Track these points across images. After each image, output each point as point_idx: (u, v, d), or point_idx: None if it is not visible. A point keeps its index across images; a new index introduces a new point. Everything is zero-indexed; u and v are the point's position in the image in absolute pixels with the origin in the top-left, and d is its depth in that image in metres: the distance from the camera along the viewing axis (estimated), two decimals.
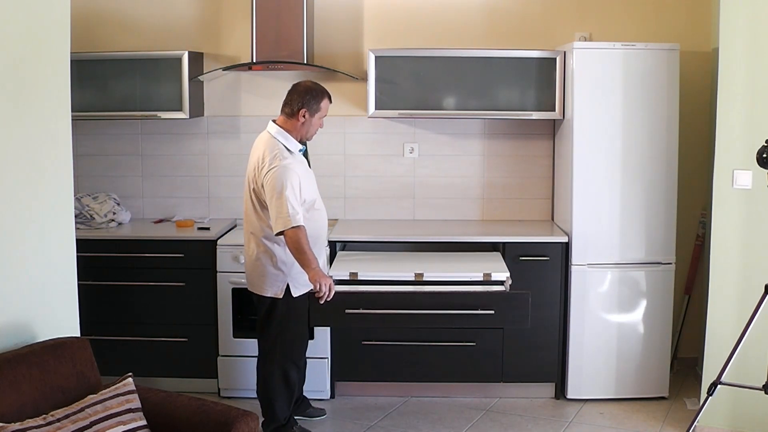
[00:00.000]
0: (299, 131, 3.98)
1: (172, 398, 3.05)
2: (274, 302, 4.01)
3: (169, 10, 5.14)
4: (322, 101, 3.99)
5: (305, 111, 3.95)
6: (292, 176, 3.83)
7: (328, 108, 4.05)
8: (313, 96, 3.96)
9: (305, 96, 3.96)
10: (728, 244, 4.12)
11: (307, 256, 3.78)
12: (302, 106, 3.95)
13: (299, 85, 4.03)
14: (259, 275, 4.02)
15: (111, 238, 4.78)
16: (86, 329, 3.46)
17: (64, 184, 3.29)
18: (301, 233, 3.77)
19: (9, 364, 2.75)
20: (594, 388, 4.70)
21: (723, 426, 4.17)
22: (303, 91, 3.98)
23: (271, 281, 3.99)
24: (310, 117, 3.97)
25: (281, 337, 4.06)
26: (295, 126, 3.97)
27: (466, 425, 4.44)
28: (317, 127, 4.03)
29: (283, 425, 4.16)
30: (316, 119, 3.99)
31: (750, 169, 3.95)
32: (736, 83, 4.06)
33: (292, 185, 3.81)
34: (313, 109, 3.96)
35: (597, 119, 4.59)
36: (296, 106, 3.95)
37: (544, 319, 4.63)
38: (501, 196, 5.20)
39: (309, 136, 4.05)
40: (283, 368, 4.08)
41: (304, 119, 3.95)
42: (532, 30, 5.07)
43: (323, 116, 4.03)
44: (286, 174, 3.82)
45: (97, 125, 5.14)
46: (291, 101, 3.98)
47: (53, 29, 3.19)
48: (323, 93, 4.00)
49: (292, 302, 4.00)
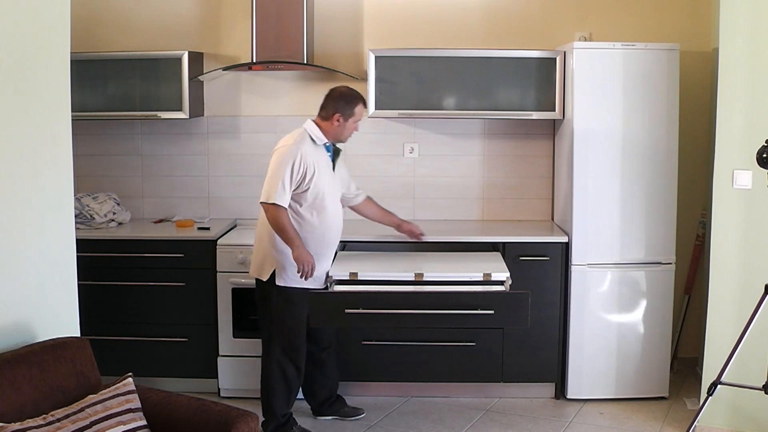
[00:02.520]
0: (333, 134, 4.10)
1: (172, 398, 3.05)
2: (262, 287, 4.12)
3: (169, 10, 5.14)
4: (356, 106, 4.10)
5: (339, 116, 4.07)
6: (297, 159, 3.95)
7: (363, 113, 4.16)
8: (347, 101, 4.08)
9: (339, 101, 4.08)
10: (728, 244, 4.12)
11: (288, 233, 3.94)
12: (336, 110, 4.07)
13: (334, 90, 4.15)
14: (255, 255, 4.17)
15: (111, 238, 4.78)
16: (86, 329, 3.46)
17: (64, 184, 3.29)
18: (279, 212, 3.93)
19: (9, 364, 2.75)
20: (594, 388, 4.70)
21: (723, 426, 4.17)
22: (337, 96, 4.10)
23: (261, 262, 4.11)
24: (344, 121, 4.08)
25: (276, 331, 4.12)
26: (329, 128, 4.09)
27: (466, 425, 4.44)
28: (352, 130, 4.14)
29: (283, 424, 4.17)
30: (351, 123, 4.10)
31: (750, 169, 3.95)
32: (736, 83, 4.06)
33: (293, 167, 3.94)
34: (346, 114, 4.07)
35: (597, 119, 4.59)
36: (330, 111, 4.08)
37: (544, 319, 4.63)
38: (501, 196, 5.20)
39: (343, 139, 4.17)
40: (279, 364, 4.12)
41: (338, 123, 4.08)
42: (532, 30, 5.07)
43: (358, 120, 4.13)
44: (291, 155, 3.96)
45: (97, 125, 5.14)
46: (326, 106, 4.11)
47: (53, 29, 3.19)
48: (358, 98, 4.12)
49: (283, 293, 4.07)
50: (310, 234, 4.08)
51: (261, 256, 4.12)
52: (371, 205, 4.50)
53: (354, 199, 4.44)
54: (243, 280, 4.65)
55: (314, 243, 4.08)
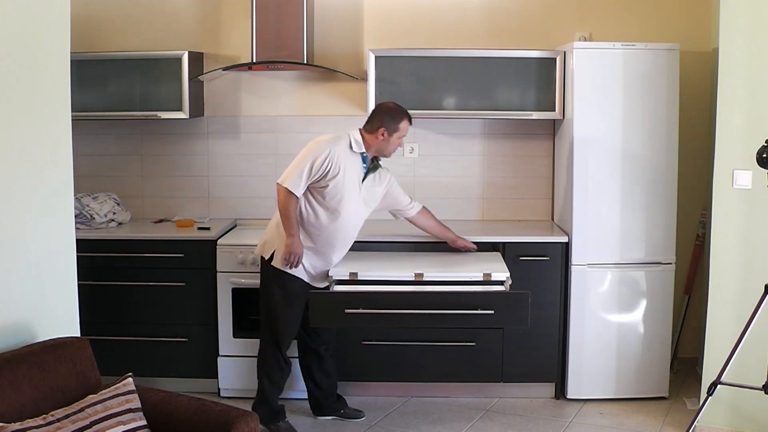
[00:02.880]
0: (376, 147, 4.17)
1: (172, 398, 3.05)
2: (264, 267, 4.23)
3: (169, 10, 5.14)
4: (401, 122, 4.15)
5: (384, 130, 4.13)
6: (323, 156, 4.02)
7: (408, 129, 4.20)
8: (392, 117, 4.14)
9: (385, 116, 4.15)
10: (728, 244, 4.12)
11: (289, 221, 4.05)
12: (381, 125, 4.13)
13: (382, 105, 4.26)
14: (265, 233, 4.29)
15: (111, 238, 4.77)
16: (86, 329, 3.46)
17: (64, 184, 3.29)
18: (290, 199, 4.03)
19: (9, 364, 2.75)
20: (594, 388, 4.70)
21: (723, 426, 4.17)
22: (384, 111, 4.18)
23: (267, 240, 4.24)
24: (389, 136, 4.14)
25: (265, 311, 4.27)
26: (372, 141, 4.16)
27: (466, 425, 4.44)
28: (396, 146, 4.20)
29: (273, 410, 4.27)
30: (395, 138, 4.16)
31: (750, 169, 3.95)
32: (736, 83, 4.06)
33: (316, 162, 4.01)
34: (391, 129, 4.13)
35: (597, 119, 4.59)
36: (376, 125, 4.15)
37: (544, 319, 4.63)
38: (501, 196, 5.20)
39: (387, 154, 4.24)
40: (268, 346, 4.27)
41: (383, 137, 4.14)
42: (532, 30, 5.07)
43: (402, 136, 4.19)
44: (320, 150, 4.04)
45: (97, 125, 5.14)
46: (372, 119, 4.19)
47: (53, 29, 3.19)
48: (403, 114, 4.18)
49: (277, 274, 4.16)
50: (316, 230, 4.14)
51: (269, 235, 4.24)
52: (427, 218, 4.50)
53: (408, 210, 4.46)
54: (243, 280, 4.65)
55: (316, 239, 4.15)
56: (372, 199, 4.28)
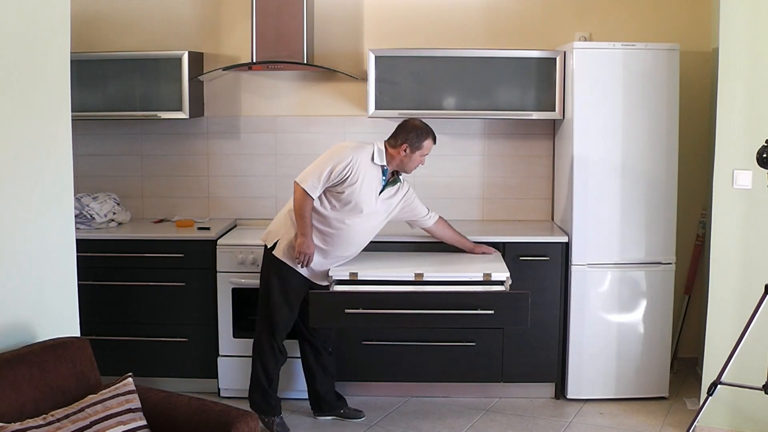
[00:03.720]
0: (397, 162, 4.19)
1: (172, 398, 3.05)
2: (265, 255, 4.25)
3: (169, 10, 5.14)
4: (425, 140, 4.17)
5: (407, 146, 4.15)
6: (344, 163, 4.04)
7: (431, 148, 4.22)
8: (417, 134, 4.16)
9: (410, 133, 4.17)
10: (728, 244, 4.12)
11: (304, 221, 4.07)
12: (405, 141, 4.15)
13: (408, 121, 4.25)
14: (273, 222, 4.32)
15: (111, 238, 4.77)
16: (86, 329, 3.46)
17: (64, 184, 3.29)
18: (307, 201, 4.06)
19: (9, 364, 2.75)
20: (594, 388, 4.70)
21: (723, 426, 4.17)
22: (410, 128, 4.19)
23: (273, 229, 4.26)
24: (411, 152, 4.16)
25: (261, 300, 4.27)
26: (395, 155, 4.18)
27: (466, 425, 4.44)
28: (417, 163, 4.21)
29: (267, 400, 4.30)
30: (417, 156, 4.18)
31: (750, 169, 3.95)
32: (736, 83, 4.06)
33: (335, 168, 4.03)
34: (414, 146, 4.15)
35: (597, 119, 4.59)
36: (400, 140, 4.17)
37: (544, 319, 4.63)
38: (501, 196, 5.20)
39: (408, 170, 4.25)
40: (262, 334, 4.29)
41: (405, 153, 4.16)
42: (532, 30, 5.07)
43: (424, 154, 4.20)
44: (342, 157, 4.06)
45: (97, 125, 5.14)
46: (397, 134, 4.20)
47: (53, 29, 3.19)
48: (428, 133, 4.19)
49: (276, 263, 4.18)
50: (326, 232, 4.16)
51: (277, 224, 4.26)
52: (444, 228, 4.50)
53: (426, 221, 4.46)
54: (243, 280, 4.65)
55: (324, 240, 4.17)
56: (387, 210, 4.29)
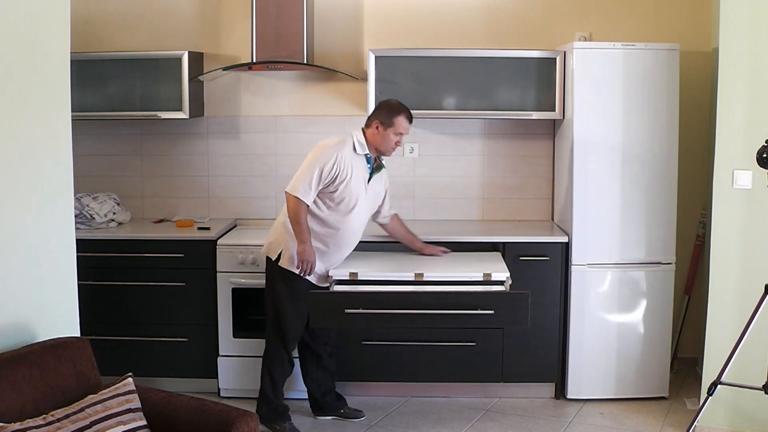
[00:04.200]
0: (374, 143, 4.14)
1: (172, 398, 3.05)
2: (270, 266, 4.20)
3: (169, 10, 5.14)
4: (397, 116, 4.10)
5: (377, 123, 4.11)
6: (331, 161, 4.00)
7: (407, 127, 4.16)
8: (388, 110, 4.12)
9: (381, 110, 4.15)
10: (728, 244, 4.12)
11: (301, 227, 4.02)
12: (376, 118, 4.13)
13: (383, 101, 4.25)
14: (271, 233, 4.27)
15: (111, 238, 4.77)
16: (86, 329, 3.46)
17: (64, 184, 3.29)
18: (300, 207, 4.01)
19: (9, 364, 2.75)
20: (594, 388, 4.70)
21: (723, 426, 4.17)
22: (381, 107, 4.17)
23: (274, 240, 4.21)
24: (383, 130, 4.10)
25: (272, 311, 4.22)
26: (370, 137, 4.14)
27: (466, 425, 4.44)
28: (392, 142, 4.13)
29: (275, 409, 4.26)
30: (390, 134, 4.10)
31: (750, 169, 3.95)
32: (736, 83, 4.06)
33: (324, 168, 4.00)
34: (385, 123, 4.09)
35: (597, 119, 4.59)
36: (372, 118, 4.16)
37: (544, 319, 4.63)
38: (501, 196, 5.20)
39: (384, 150, 4.17)
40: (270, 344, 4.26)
41: (377, 131, 4.11)
42: (532, 30, 5.07)
43: (398, 133, 4.12)
44: (327, 156, 4.02)
45: (97, 125, 5.14)
46: (370, 115, 4.21)
47: (53, 29, 3.19)
48: (400, 110, 4.13)
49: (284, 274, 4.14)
50: (326, 233, 4.14)
51: (276, 235, 4.21)
52: (399, 225, 4.49)
53: (384, 217, 4.44)
54: (243, 280, 4.65)
55: (326, 242, 4.15)
56: (375, 198, 4.29)
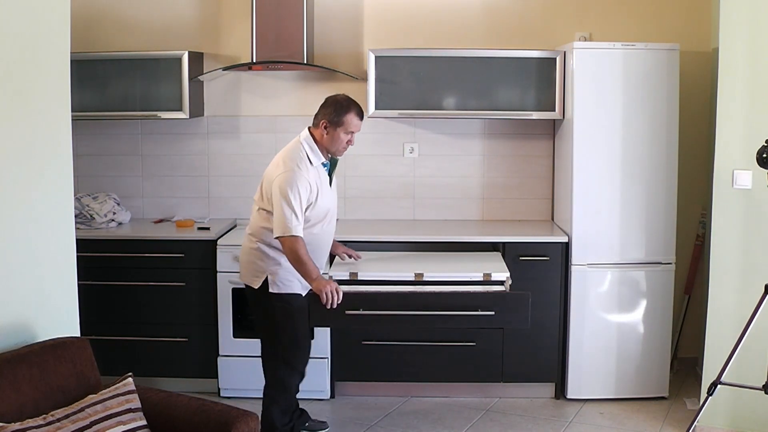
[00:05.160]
0: (323, 144, 3.86)
1: (172, 398, 3.05)
2: (255, 295, 3.92)
3: (169, 10, 5.14)
4: (347, 115, 3.82)
5: (326, 122, 3.82)
6: (301, 185, 3.74)
7: (359, 125, 3.88)
8: (336, 108, 3.82)
9: (328, 107, 3.85)
10: (728, 244, 4.12)
11: (306, 266, 3.71)
12: (323, 117, 3.84)
13: (329, 97, 3.92)
14: (244, 263, 3.98)
15: (111, 238, 4.78)
16: (86, 329, 3.46)
17: (64, 184, 3.29)
18: (297, 244, 3.70)
19: (9, 364, 2.75)
20: (594, 388, 4.70)
21: (723, 426, 4.17)
22: (329, 103, 3.87)
23: (252, 270, 3.92)
24: (333, 130, 3.82)
25: (279, 341, 3.93)
26: (318, 137, 3.86)
27: (466, 425, 4.44)
28: (343, 142, 3.86)
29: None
30: (340, 133, 3.83)
31: (750, 169, 3.95)
32: (736, 83, 4.06)
33: (299, 194, 3.72)
34: (334, 122, 3.81)
35: (597, 119, 4.59)
36: (319, 117, 3.86)
37: (544, 319, 4.63)
38: (501, 196, 5.20)
39: (333, 151, 3.90)
40: (282, 378, 3.96)
41: (326, 132, 3.83)
42: (532, 30, 5.07)
43: (350, 131, 3.85)
44: (295, 181, 3.73)
45: (97, 125, 5.14)
46: (317, 113, 3.89)
47: (53, 29, 3.19)
48: (350, 107, 3.85)
49: (281, 300, 3.88)
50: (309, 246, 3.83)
51: (250, 263, 3.94)
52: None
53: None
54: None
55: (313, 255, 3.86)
56: (336, 193, 4.10)
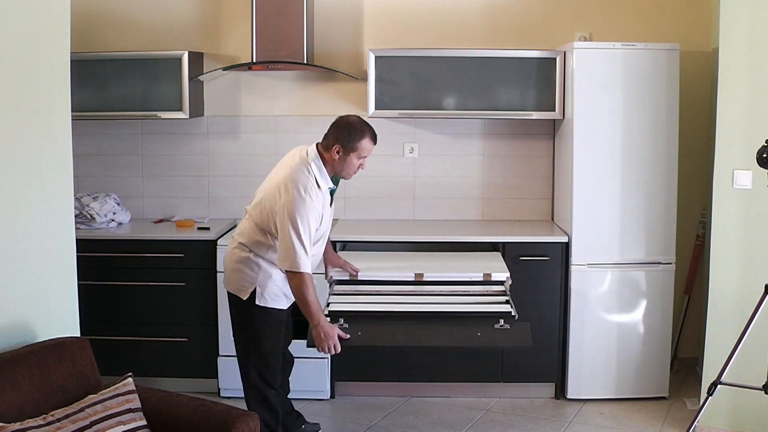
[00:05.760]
0: (333, 166, 3.67)
1: (172, 398, 3.05)
2: (241, 305, 3.73)
3: (169, 10, 5.14)
4: (362, 140, 3.62)
5: (339, 147, 3.61)
6: (312, 216, 3.55)
7: (371, 149, 3.69)
8: (350, 133, 3.61)
9: (342, 131, 3.62)
10: (728, 244, 4.12)
11: (310, 308, 3.54)
12: (336, 141, 3.62)
13: (340, 119, 3.70)
14: (229, 270, 3.79)
15: (111, 238, 4.78)
16: (86, 329, 3.46)
17: (64, 184, 3.29)
18: (306, 280, 3.52)
19: (9, 364, 2.75)
20: (594, 388, 4.70)
21: (723, 426, 4.17)
22: (342, 126, 3.65)
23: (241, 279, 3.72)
24: (345, 155, 3.62)
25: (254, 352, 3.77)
26: (328, 160, 3.66)
27: (466, 425, 4.44)
28: (356, 167, 3.68)
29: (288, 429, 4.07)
30: (353, 158, 3.64)
31: (750, 169, 3.95)
32: (736, 83, 4.06)
33: (309, 226, 3.53)
34: (348, 147, 3.61)
35: (597, 119, 4.59)
36: (331, 140, 3.64)
37: (544, 319, 4.62)
38: (501, 196, 5.20)
39: (345, 175, 3.71)
40: (258, 390, 3.82)
41: (338, 156, 3.62)
42: (532, 30, 5.07)
43: (363, 156, 3.67)
44: (306, 213, 3.52)
45: (97, 125, 5.14)
46: (328, 134, 3.67)
47: (53, 29, 3.19)
48: (364, 132, 3.63)
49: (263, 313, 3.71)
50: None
51: (238, 271, 3.73)
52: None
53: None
54: None
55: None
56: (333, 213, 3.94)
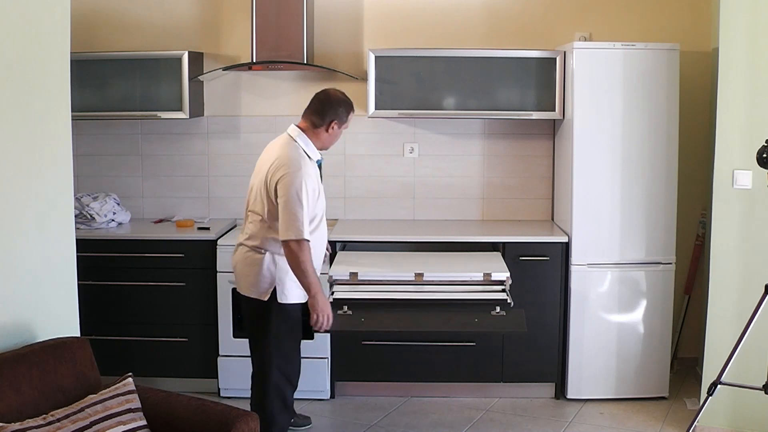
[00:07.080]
0: (323, 141, 3.80)
1: (172, 398, 3.05)
2: (263, 306, 3.73)
3: (169, 10, 5.14)
4: (351, 113, 3.84)
5: (336, 123, 3.77)
6: (310, 184, 3.64)
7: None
8: (345, 108, 3.79)
9: (338, 108, 3.78)
10: (728, 244, 4.12)
11: (308, 277, 3.57)
12: (335, 117, 3.77)
13: (329, 95, 3.81)
14: (245, 275, 3.78)
15: (111, 238, 4.78)
16: (86, 329, 3.46)
17: (64, 184, 3.29)
18: (303, 249, 3.55)
19: (9, 364, 2.75)
20: (594, 388, 4.70)
21: (723, 426, 4.17)
22: (336, 103, 3.78)
23: (260, 281, 3.72)
24: (338, 128, 3.80)
25: (275, 351, 3.77)
26: (319, 135, 3.78)
27: (466, 425, 4.44)
28: (338, 137, 3.87)
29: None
30: (342, 131, 3.84)
31: (750, 169, 3.95)
32: (736, 83, 4.06)
33: (308, 193, 3.61)
34: (342, 121, 3.80)
35: (597, 119, 4.59)
36: (328, 117, 3.76)
37: (544, 319, 4.63)
38: (501, 196, 5.20)
39: (328, 147, 3.87)
40: (278, 389, 3.82)
41: (333, 130, 3.78)
42: (532, 30, 5.07)
43: (347, 127, 3.88)
44: (304, 180, 3.61)
45: (97, 125, 5.14)
46: (322, 111, 3.77)
47: (53, 29, 3.19)
48: (350, 104, 3.84)
49: (282, 310, 3.72)
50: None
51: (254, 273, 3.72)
52: None
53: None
54: None
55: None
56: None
